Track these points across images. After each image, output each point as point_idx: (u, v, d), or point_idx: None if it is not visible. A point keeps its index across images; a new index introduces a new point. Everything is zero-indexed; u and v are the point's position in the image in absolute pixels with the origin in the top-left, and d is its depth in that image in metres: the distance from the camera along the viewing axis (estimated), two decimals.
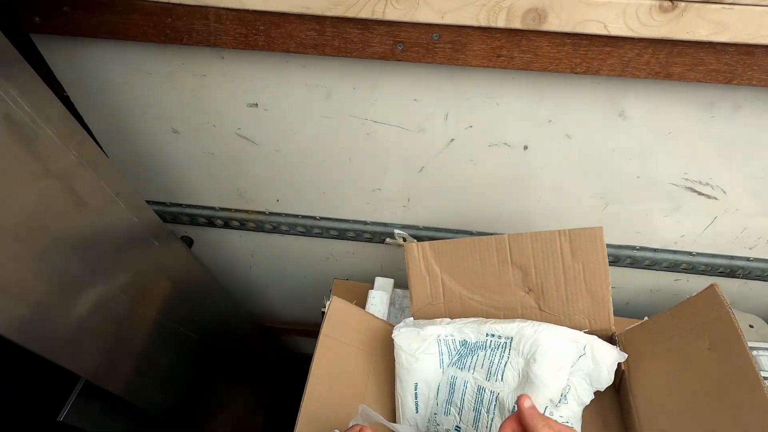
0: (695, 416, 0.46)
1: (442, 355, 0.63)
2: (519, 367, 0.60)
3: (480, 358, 0.62)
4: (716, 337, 0.46)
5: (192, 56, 0.61)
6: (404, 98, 0.62)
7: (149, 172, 0.82)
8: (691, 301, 0.51)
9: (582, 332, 0.60)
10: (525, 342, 0.60)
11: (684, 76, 0.50)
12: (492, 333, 0.63)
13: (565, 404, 0.57)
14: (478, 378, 0.61)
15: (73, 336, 0.55)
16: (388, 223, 0.86)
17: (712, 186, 0.68)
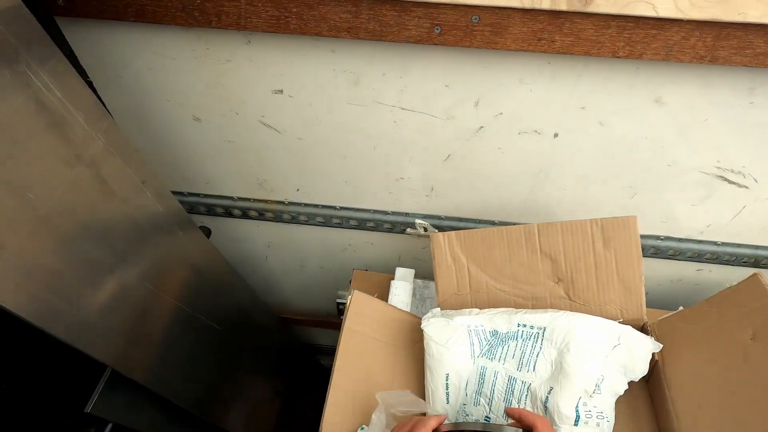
0: (737, 408, 0.45)
1: (473, 346, 0.63)
2: (552, 357, 0.59)
3: (511, 348, 0.61)
4: (760, 326, 0.45)
5: (218, 40, 0.60)
6: (435, 84, 0.61)
7: (168, 160, 0.81)
8: (733, 290, 0.50)
9: (616, 322, 0.59)
10: (558, 332, 0.59)
11: (730, 60, 0.49)
12: (524, 323, 0.62)
13: (598, 395, 0.57)
14: (509, 368, 0.61)
15: (100, 324, 0.54)
16: (409, 212, 0.85)
17: (744, 174, 0.67)
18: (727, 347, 0.49)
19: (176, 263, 0.67)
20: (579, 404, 0.56)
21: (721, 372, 0.49)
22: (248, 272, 1.11)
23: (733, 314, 0.49)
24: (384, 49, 0.57)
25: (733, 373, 0.48)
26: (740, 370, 0.47)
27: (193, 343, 0.74)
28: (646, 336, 0.58)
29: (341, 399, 0.59)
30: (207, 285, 0.75)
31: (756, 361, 0.45)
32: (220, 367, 0.83)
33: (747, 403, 0.45)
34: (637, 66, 0.55)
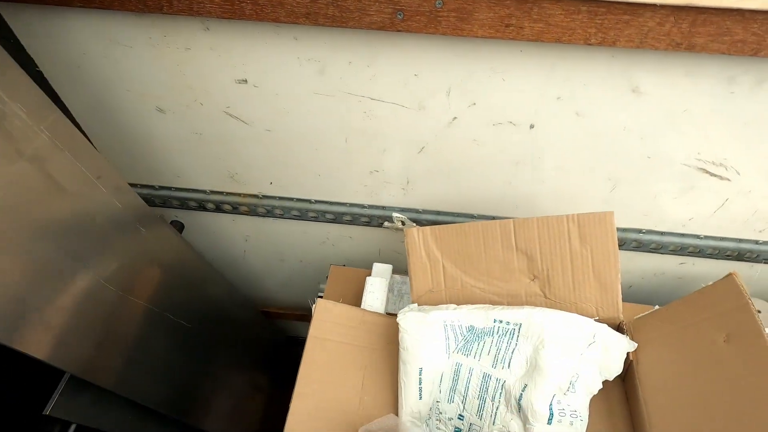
0: (709, 409, 0.44)
1: (449, 340, 0.61)
2: (527, 354, 0.58)
3: (487, 344, 0.60)
4: (734, 328, 0.44)
5: (175, 27, 0.57)
6: (404, 73, 0.58)
7: (134, 153, 0.78)
8: (708, 290, 0.48)
9: (592, 320, 0.58)
10: (534, 328, 0.57)
11: (707, 47, 0.47)
12: (500, 319, 0.60)
13: (573, 393, 0.55)
14: (485, 365, 0.59)
15: (58, 330, 0.52)
16: (386, 206, 0.83)
17: (725, 167, 0.65)
18: (701, 348, 0.47)
19: (139, 261, 0.64)
20: (553, 402, 0.55)
21: (693, 373, 0.48)
22: (227, 267, 1.09)
23: (707, 315, 0.47)
24: (348, 37, 0.55)
25: (706, 375, 0.47)
26: (713, 372, 0.46)
27: (164, 343, 0.72)
28: (621, 335, 0.57)
29: (304, 407, 0.58)
30: (175, 282, 0.73)
31: (728, 363, 0.43)
32: (192, 364, 0.81)
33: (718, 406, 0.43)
34: (612, 54, 0.53)
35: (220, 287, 0.90)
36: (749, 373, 0.41)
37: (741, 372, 0.41)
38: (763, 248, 0.78)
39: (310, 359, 0.61)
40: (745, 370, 0.41)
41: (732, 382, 0.42)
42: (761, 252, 0.79)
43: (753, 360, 0.41)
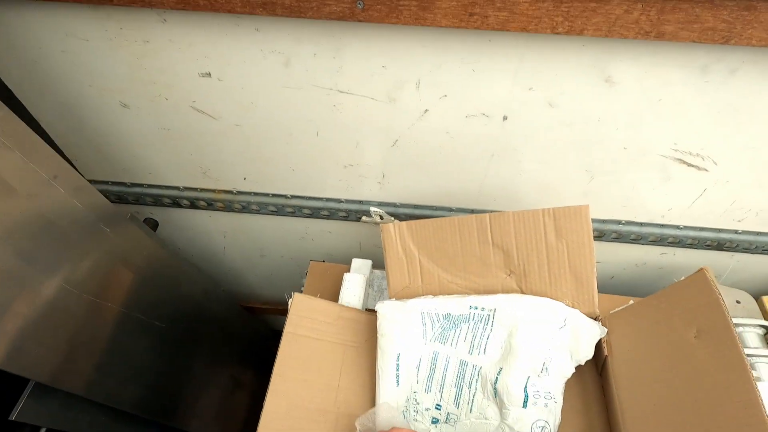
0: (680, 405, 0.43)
1: (425, 326, 0.61)
2: (502, 338, 0.58)
3: (463, 331, 0.60)
4: (704, 324, 0.43)
5: (131, 19, 0.54)
6: (371, 65, 0.56)
7: (102, 150, 0.76)
8: (680, 286, 0.47)
9: (563, 304, 0.57)
10: (508, 313, 0.57)
11: (677, 35, 0.45)
12: (475, 306, 0.60)
13: (546, 375, 0.55)
14: (461, 352, 0.59)
15: (16, 338, 0.51)
16: (363, 200, 0.81)
17: (702, 157, 0.64)
18: (672, 344, 0.47)
19: (105, 262, 0.63)
20: (528, 384, 0.55)
21: (665, 368, 0.47)
22: (207, 263, 1.08)
23: (679, 310, 0.47)
24: (311, 28, 0.53)
25: (677, 370, 0.46)
26: (683, 367, 0.45)
27: (133, 344, 0.71)
28: (592, 320, 0.57)
29: (280, 405, 0.57)
30: (146, 281, 0.71)
31: (698, 359, 0.43)
32: (169, 364, 0.80)
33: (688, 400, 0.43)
34: (582, 43, 0.51)
35: (197, 284, 0.89)
36: (718, 369, 0.40)
37: (710, 368, 0.41)
38: (742, 238, 0.77)
39: (285, 355, 0.60)
40: (713, 366, 0.40)
41: (701, 377, 0.42)
42: (740, 242, 0.78)
43: (722, 356, 0.40)
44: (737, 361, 0.38)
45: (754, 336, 0.70)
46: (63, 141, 0.74)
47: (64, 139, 0.74)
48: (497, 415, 0.55)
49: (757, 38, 0.45)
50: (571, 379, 0.59)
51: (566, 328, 0.56)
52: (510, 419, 0.53)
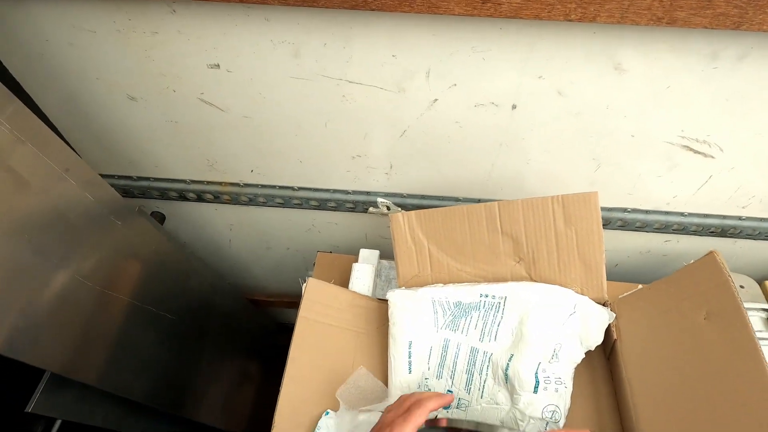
0: (690, 388, 0.44)
1: (437, 314, 0.62)
2: (513, 325, 0.58)
3: (474, 318, 0.60)
4: (714, 306, 0.44)
5: (139, 10, 0.54)
6: (381, 55, 0.56)
7: (109, 144, 0.75)
8: (689, 269, 0.48)
9: (572, 290, 0.58)
10: (518, 300, 0.58)
11: (689, 21, 0.45)
12: (486, 293, 0.61)
13: (557, 362, 0.56)
14: (472, 339, 0.60)
15: (35, 330, 0.51)
16: (370, 191, 0.82)
17: (709, 144, 0.65)
18: (681, 327, 0.47)
19: (116, 255, 0.63)
20: (538, 370, 0.55)
21: (674, 352, 0.48)
22: (213, 256, 1.08)
23: (688, 293, 0.47)
24: (321, 17, 0.52)
25: (686, 352, 0.47)
26: (693, 350, 0.46)
27: (144, 336, 0.72)
28: (601, 306, 0.57)
29: (296, 390, 0.58)
30: (156, 274, 0.72)
31: (707, 341, 0.43)
32: (179, 356, 0.81)
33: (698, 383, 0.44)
34: (593, 30, 0.51)
35: (204, 277, 0.89)
36: (728, 351, 0.41)
37: (720, 350, 0.42)
38: (746, 224, 0.78)
39: (300, 341, 0.61)
40: (724, 348, 0.41)
41: (711, 359, 0.42)
42: (744, 228, 0.79)
43: (732, 338, 0.41)
44: (748, 341, 0.38)
45: (758, 320, 0.71)
46: (70, 134, 0.73)
47: (71, 133, 0.73)
48: (508, 401, 0.55)
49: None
50: (580, 364, 0.60)
51: (576, 315, 0.57)
52: (521, 404, 0.54)
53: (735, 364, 0.40)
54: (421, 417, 0.44)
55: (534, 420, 0.53)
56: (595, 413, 0.56)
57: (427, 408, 0.45)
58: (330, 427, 0.53)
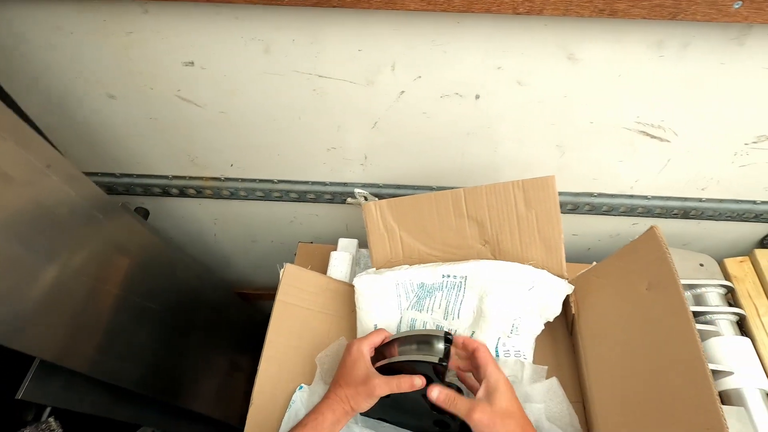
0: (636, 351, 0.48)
1: (400, 298, 0.65)
2: (474, 303, 0.62)
3: (437, 299, 0.64)
4: (654, 277, 0.47)
5: (113, 11, 0.57)
6: (348, 50, 0.59)
7: (91, 141, 0.78)
8: (634, 245, 0.52)
9: (530, 266, 0.61)
10: (478, 279, 0.61)
11: (628, 13, 0.48)
12: (447, 274, 0.64)
13: (516, 335, 0.59)
14: (437, 318, 0.63)
15: (27, 319, 0.54)
16: (348, 182, 0.84)
17: (664, 128, 0.68)
18: (628, 298, 0.51)
19: (101, 248, 0.65)
20: (498, 344, 0.59)
21: (622, 320, 0.52)
22: (200, 250, 1.11)
23: (633, 267, 0.51)
24: (288, 14, 0.55)
25: (632, 320, 0.50)
26: (637, 317, 0.49)
27: (136, 327, 0.74)
28: (559, 279, 0.61)
29: (273, 369, 0.61)
30: (141, 267, 0.74)
31: (648, 309, 0.47)
32: (167, 346, 0.83)
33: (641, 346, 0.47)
34: (545, 23, 0.54)
35: (191, 271, 0.92)
36: (665, 316, 0.44)
37: (659, 315, 0.45)
38: (707, 205, 0.82)
39: (277, 324, 0.64)
40: (662, 314, 0.45)
41: (652, 324, 0.46)
42: (705, 209, 0.83)
43: (669, 304, 0.44)
44: (681, 307, 0.42)
45: (715, 295, 0.75)
46: (53, 133, 0.75)
47: (54, 132, 0.76)
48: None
49: (701, 13, 0.48)
50: (545, 340, 0.64)
51: (535, 289, 0.60)
52: None
53: (670, 327, 0.43)
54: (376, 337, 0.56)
55: None
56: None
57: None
58: (303, 400, 0.56)
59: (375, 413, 0.56)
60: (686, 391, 0.40)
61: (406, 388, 0.50)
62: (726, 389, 0.67)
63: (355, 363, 0.53)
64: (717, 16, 0.48)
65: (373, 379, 0.51)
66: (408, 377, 0.50)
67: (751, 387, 0.66)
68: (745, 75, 0.58)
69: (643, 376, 0.45)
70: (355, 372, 0.52)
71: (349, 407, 0.51)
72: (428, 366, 0.51)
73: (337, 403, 0.51)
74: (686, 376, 0.40)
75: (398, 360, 0.52)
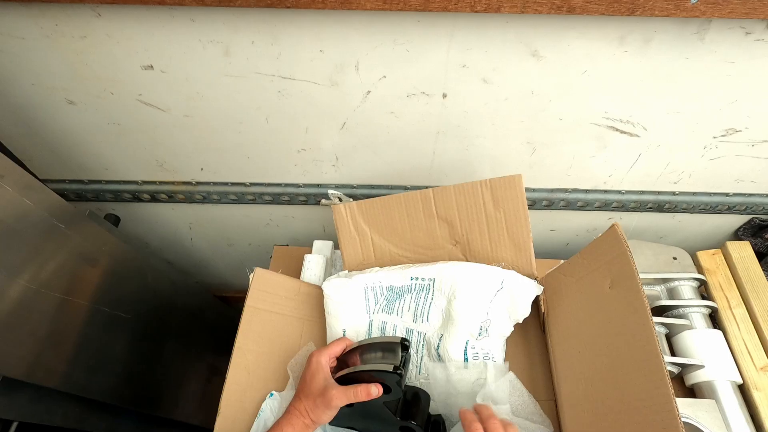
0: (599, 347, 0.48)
1: (368, 301, 0.64)
2: (442, 306, 0.61)
3: (407, 301, 0.63)
4: (616, 274, 0.47)
5: (64, 15, 0.55)
6: (309, 50, 0.58)
7: (54, 149, 0.76)
8: (597, 242, 0.51)
9: (499, 267, 0.61)
10: (446, 281, 0.61)
11: (586, 9, 0.48)
12: (416, 276, 0.63)
13: (486, 337, 0.59)
14: (407, 321, 0.63)
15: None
16: (321, 184, 0.84)
17: (632, 123, 0.68)
18: (591, 296, 0.51)
19: (64, 259, 0.64)
20: (467, 347, 0.59)
21: (586, 320, 0.51)
22: (176, 255, 1.09)
23: (597, 264, 0.51)
24: (245, 16, 0.54)
25: (596, 318, 0.50)
26: (601, 315, 0.49)
27: (101, 337, 0.73)
28: (528, 279, 0.61)
29: (241, 377, 0.60)
30: (110, 277, 0.73)
31: (611, 308, 0.47)
32: (138, 355, 0.82)
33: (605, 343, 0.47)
34: (506, 20, 0.53)
35: (164, 276, 0.90)
36: (626, 314, 0.44)
37: (620, 313, 0.45)
38: (680, 198, 0.82)
39: (246, 329, 0.63)
40: (623, 311, 0.45)
41: (614, 321, 0.46)
42: (678, 202, 0.83)
43: (629, 302, 0.44)
44: (640, 305, 0.42)
45: (689, 288, 0.76)
46: (14, 142, 0.74)
47: (14, 141, 0.74)
48: (443, 375, 0.59)
49: (659, 9, 0.48)
50: (517, 339, 0.63)
51: (503, 290, 0.60)
52: (454, 379, 0.57)
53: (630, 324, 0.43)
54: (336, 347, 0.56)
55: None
56: (530, 382, 0.59)
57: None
58: (273, 409, 0.56)
59: (343, 422, 0.56)
60: (644, 390, 0.39)
61: (363, 397, 0.49)
62: (698, 382, 0.68)
63: (314, 376, 0.53)
64: (675, 11, 0.48)
65: (331, 390, 0.50)
66: (365, 386, 0.50)
67: (721, 379, 0.66)
68: (708, 69, 0.58)
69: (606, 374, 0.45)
70: (313, 384, 0.52)
71: (309, 420, 0.50)
72: (386, 374, 0.50)
73: (296, 417, 0.51)
74: (645, 374, 0.40)
75: (355, 370, 0.52)
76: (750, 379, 0.67)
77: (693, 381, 0.68)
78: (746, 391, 0.67)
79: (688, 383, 0.69)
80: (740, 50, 0.56)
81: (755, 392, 0.66)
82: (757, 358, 0.69)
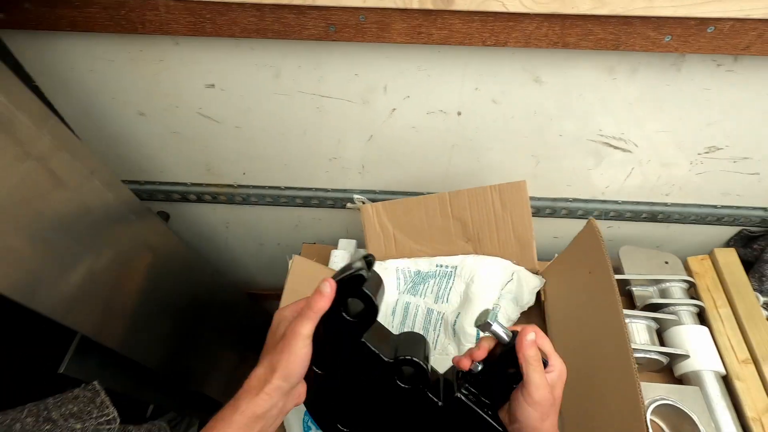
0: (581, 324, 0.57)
1: (399, 281, 0.75)
2: (461, 289, 0.71)
3: (430, 285, 0.73)
4: (594, 262, 0.56)
5: (149, 43, 0.67)
6: (346, 74, 0.69)
7: (121, 153, 0.88)
8: (579, 237, 0.61)
9: (511, 262, 0.70)
10: (466, 269, 0.71)
11: (578, 44, 0.58)
12: (440, 264, 0.73)
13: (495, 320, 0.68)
14: (428, 302, 0.73)
15: (71, 298, 0.63)
16: (347, 189, 0.94)
17: (625, 140, 0.77)
18: (578, 282, 0.60)
19: (135, 245, 0.75)
20: None
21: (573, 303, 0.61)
22: (212, 252, 1.20)
23: (580, 255, 0.60)
24: (295, 46, 0.65)
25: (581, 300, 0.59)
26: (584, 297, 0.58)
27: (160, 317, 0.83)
28: (534, 274, 0.70)
29: None
30: (166, 265, 0.84)
31: (591, 290, 0.56)
32: (184, 336, 0.93)
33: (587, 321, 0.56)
34: (512, 52, 0.64)
35: (205, 271, 1.01)
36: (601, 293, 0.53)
37: (599, 294, 0.54)
38: (672, 209, 0.91)
39: None
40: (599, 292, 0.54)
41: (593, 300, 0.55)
42: (671, 213, 0.91)
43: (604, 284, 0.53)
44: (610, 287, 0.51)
45: (678, 289, 0.84)
46: (88, 146, 0.86)
47: (89, 144, 0.86)
48: (456, 351, 0.68)
49: (639, 45, 0.58)
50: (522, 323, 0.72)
51: (513, 281, 0.69)
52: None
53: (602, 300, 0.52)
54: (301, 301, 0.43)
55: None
56: None
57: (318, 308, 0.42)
58: None
59: (330, 411, 0.48)
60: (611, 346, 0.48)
61: (317, 301, 0.41)
62: (686, 372, 0.75)
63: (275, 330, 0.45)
64: (652, 47, 0.58)
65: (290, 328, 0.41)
66: (316, 291, 0.41)
67: (706, 369, 0.74)
68: (687, 95, 0.68)
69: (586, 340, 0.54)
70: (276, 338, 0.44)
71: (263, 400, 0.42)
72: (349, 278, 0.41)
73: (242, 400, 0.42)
74: (611, 334, 0.49)
75: None
76: (733, 370, 0.75)
77: (681, 371, 0.75)
78: (729, 382, 0.74)
79: (676, 374, 0.77)
80: (714, 79, 0.65)
81: (737, 382, 0.73)
82: (740, 351, 0.76)
